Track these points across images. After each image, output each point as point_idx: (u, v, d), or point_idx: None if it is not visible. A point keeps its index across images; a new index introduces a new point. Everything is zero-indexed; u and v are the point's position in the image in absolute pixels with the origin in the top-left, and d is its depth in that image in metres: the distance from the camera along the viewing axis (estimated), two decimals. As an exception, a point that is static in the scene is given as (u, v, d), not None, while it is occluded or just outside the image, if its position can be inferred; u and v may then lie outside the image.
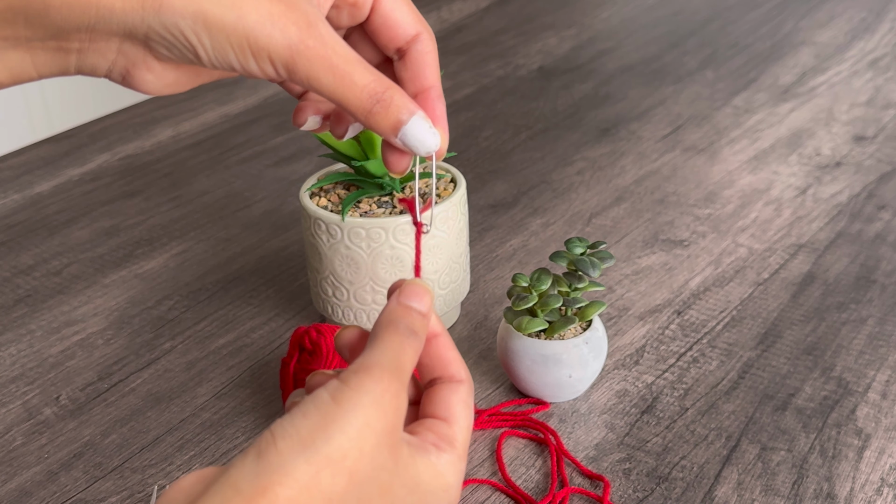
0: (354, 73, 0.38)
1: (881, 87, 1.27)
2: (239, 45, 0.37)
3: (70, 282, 0.93)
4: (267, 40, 0.37)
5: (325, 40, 0.38)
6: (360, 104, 0.39)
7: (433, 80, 0.43)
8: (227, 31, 0.36)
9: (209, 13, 0.36)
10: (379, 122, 0.39)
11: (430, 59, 0.43)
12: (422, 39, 0.43)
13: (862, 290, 0.85)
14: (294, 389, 0.69)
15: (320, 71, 0.38)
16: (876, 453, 0.67)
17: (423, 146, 0.41)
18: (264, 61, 0.37)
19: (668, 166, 1.09)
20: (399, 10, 0.42)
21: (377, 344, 0.38)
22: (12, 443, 0.73)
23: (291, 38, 0.37)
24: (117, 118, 1.29)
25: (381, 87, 0.39)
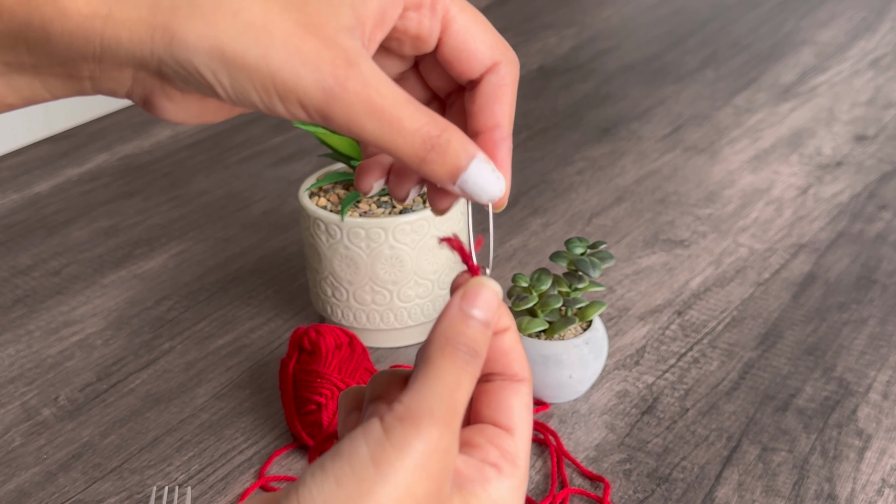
0: (403, 117, 0.33)
1: (882, 86, 1.27)
2: (263, 87, 0.32)
3: (69, 282, 0.92)
4: (296, 82, 0.31)
5: (366, 80, 0.32)
6: (412, 151, 0.33)
7: (501, 119, 0.37)
8: (248, 70, 0.31)
9: (227, 50, 0.31)
10: (436, 171, 0.34)
11: (505, 94, 0.37)
12: (498, 71, 0.37)
13: (863, 291, 0.85)
14: (293, 390, 0.69)
15: (363, 116, 0.32)
16: (877, 454, 0.67)
17: (485, 193, 0.35)
18: (293, 105, 0.32)
19: (668, 166, 1.09)
20: (474, 39, 0.36)
21: (430, 376, 0.33)
22: (11, 443, 0.72)
23: (326, 79, 0.31)
24: (116, 118, 1.29)
25: (436, 130, 0.33)
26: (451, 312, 0.35)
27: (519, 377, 0.37)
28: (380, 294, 0.77)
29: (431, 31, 0.36)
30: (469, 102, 0.38)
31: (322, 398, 0.67)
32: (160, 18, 0.31)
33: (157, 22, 0.31)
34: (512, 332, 0.37)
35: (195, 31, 0.31)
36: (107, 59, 0.32)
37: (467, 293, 0.36)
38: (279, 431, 0.72)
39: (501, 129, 0.37)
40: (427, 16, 0.35)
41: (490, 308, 0.36)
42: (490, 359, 0.37)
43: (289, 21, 0.31)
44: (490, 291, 0.36)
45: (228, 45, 0.31)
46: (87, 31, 0.31)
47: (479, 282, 0.36)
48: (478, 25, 0.37)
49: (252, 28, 0.31)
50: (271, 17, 0.31)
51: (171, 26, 0.31)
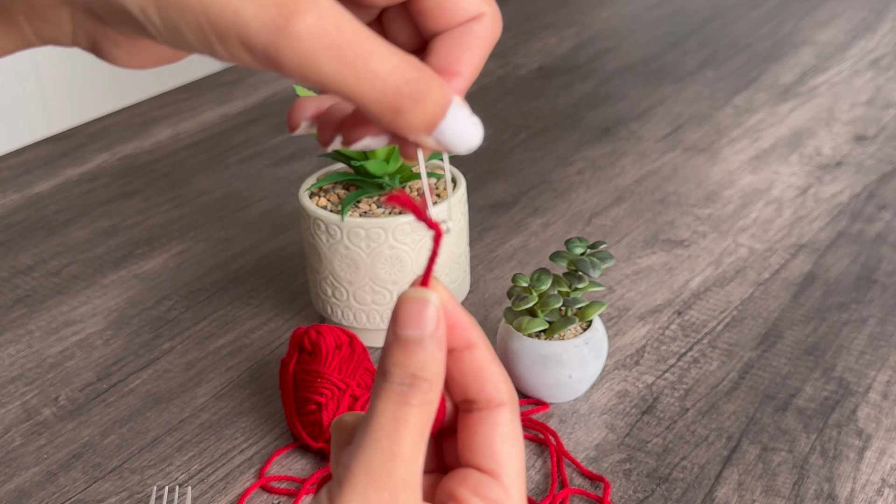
0: (370, 56, 0.27)
1: (882, 86, 1.27)
2: (197, 26, 0.27)
3: (69, 282, 0.92)
4: (233, 18, 0.26)
5: (322, 12, 0.27)
6: (383, 99, 0.28)
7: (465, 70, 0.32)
8: (178, 5, 0.26)
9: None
10: (410, 122, 0.29)
11: (479, 47, 0.32)
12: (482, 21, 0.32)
13: (863, 291, 0.85)
14: (294, 390, 0.69)
15: (318, 54, 0.27)
16: (877, 454, 0.67)
17: (463, 143, 0.30)
18: (234, 47, 0.27)
19: (668, 166, 1.09)
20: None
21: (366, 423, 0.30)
22: (11, 443, 0.72)
23: (271, 12, 0.26)
24: (116, 118, 1.29)
25: (412, 73, 0.28)
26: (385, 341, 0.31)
27: (496, 401, 0.33)
28: (380, 294, 0.77)
29: None
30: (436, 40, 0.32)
31: (322, 398, 0.67)
32: None
33: None
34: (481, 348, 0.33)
35: None
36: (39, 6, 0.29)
37: (395, 312, 0.31)
38: (279, 431, 0.72)
39: (463, 78, 0.32)
40: None
41: (425, 321, 0.31)
42: (461, 383, 0.33)
43: None
44: (420, 303, 0.31)
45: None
46: None
47: (406, 296, 0.31)
48: None
49: None
50: None
51: None
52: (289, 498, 0.66)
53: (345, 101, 0.29)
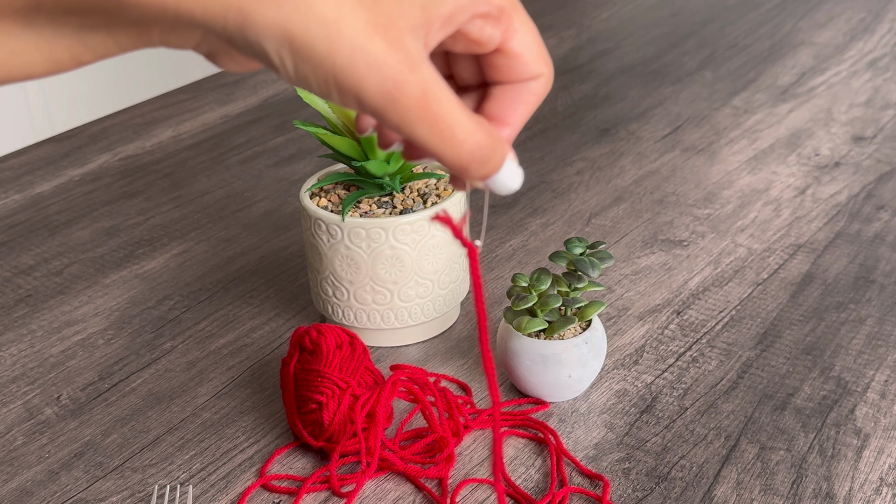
0: (456, 126, 0.33)
1: (880, 87, 1.28)
2: (325, 79, 0.32)
3: (71, 282, 0.93)
4: (356, 83, 0.32)
5: (426, 86, 0.32)
6: (457, 160, 0.34)
7: (516, 121, 0.38)
8: (313, 62, 0.31)
9: (296, 40, 0.31)
10: (472, 176, 0.35)
11: (531, 102, 0.37)
12: (539, 81, 0.37)
13: (861, 290, 0.85)
14: (294, 390, 0.69)
15: (416, 120, 0.32)
16: (875, 453, 0.67)
17: (506, 189, 0.36)
18: (350, 100, 0.32)
19: (667, 166, 1.09)
20: (530, 52, 0.37)
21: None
22: (13, 442, 0.73)
23: (387, 83, 0.32)
24: (118, 118, 1.29)
25: (484, 141, 0.34)
26: None
27: None
28: (380, 294, 0.77)
29: (491, 39, 0.36)
30: (497, 94, 0.38)
31: (323, 397, 0.67)
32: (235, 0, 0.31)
33: (231, 3, 0.31)
34: None
35: (267, 17, 0.31)
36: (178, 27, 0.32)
37: None
38: (280, 430, 0.72)
39: (513, 128, 0.37)
40: (492, 24, 0.35)
41: None
42: None
43: (360, 19, 0.31)
44: None
45: (298, 35, 0.31)
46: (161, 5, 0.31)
47: None
48: (534, 39, 0.37)
49: (323, 22, 0.31)
50: (343, 13, 0.31)
51: (245, 10, 0.31)
52: (290, 497, 0.66)
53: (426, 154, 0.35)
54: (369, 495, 0.66)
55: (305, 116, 1.26)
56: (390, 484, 0.67)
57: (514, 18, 0.36)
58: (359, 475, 0.66)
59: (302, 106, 1.30)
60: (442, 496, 0.65)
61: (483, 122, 0.34)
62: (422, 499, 0.66)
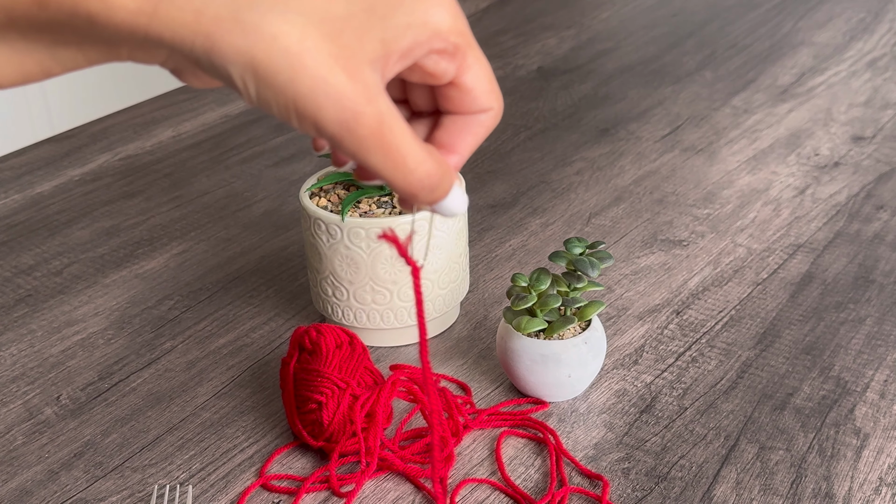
0: (408, 156, 0.35)
1: (879, 87, 1.28)
2: (285, 106, 0.33)
3: (71, 282, 0.93)
4: (315, 112, 0.33)
5: (381, 118, 0.34)
6: (406, 187, 0.36)
7: (465, 150, 0.40)
8: (275, 89, 0.33)
9: (260, 68, 0.32)
10: (420, 201, 0.37)
11: (479, 134, 0.40)
12: (489, 114, 0.39)
13: (860, 290, 0.85)
14: (294, 389, 0.69)
15: (370, 149, 0.34)
16: (874, 453, 0.67)
17: (451, 213, 0.39)
18: (308, 127, 0.34)
19: (666, 166, 1.09)
20: (481, 87, 0.38)
21: None
22: (13, 442, 0.73)
23: (345, 114, 0.33)
24: (118, 118, 1.29)
25: (436, 178, 0.36)
26: None
27: None
28: (380, 294, 0.77)
29: (446, 73, 0.37)
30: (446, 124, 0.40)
31: (322, 397, 0.67)
32: (203, 26, 0.32)
33: (199, 29, 0.32)
34: None
35: (234, 46, 0.32)
36: (147, 47, 0.33)
37: None
38: (280, 430, 0.72)
39: (461, 157, 0.39)
40: (447, 60, 0.37)
41: None
42: None
43: (322, 51, 0.33)
44: None
45: (262, 64, 0.32)
46: (131, 26, 0.32)
47: None
48: (486, 75, 0.38)
49: (286, 54, 0.32)
50: (307, 46, 0.32)
51: (213, 36, 0.32)
52: (289, 496, 0.66)
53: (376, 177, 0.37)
54: (369, 495, 0.66)
55: (305, 116, 1.26)
56: (390, 484, 0.67)
57: (468, 55, 0.37)
58: (358, 475, 0.66)
59: (302, 106, 1.30)
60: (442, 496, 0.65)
61: (433, 152, 0.36)
62: (421, 498, 0.66)
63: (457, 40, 0.36)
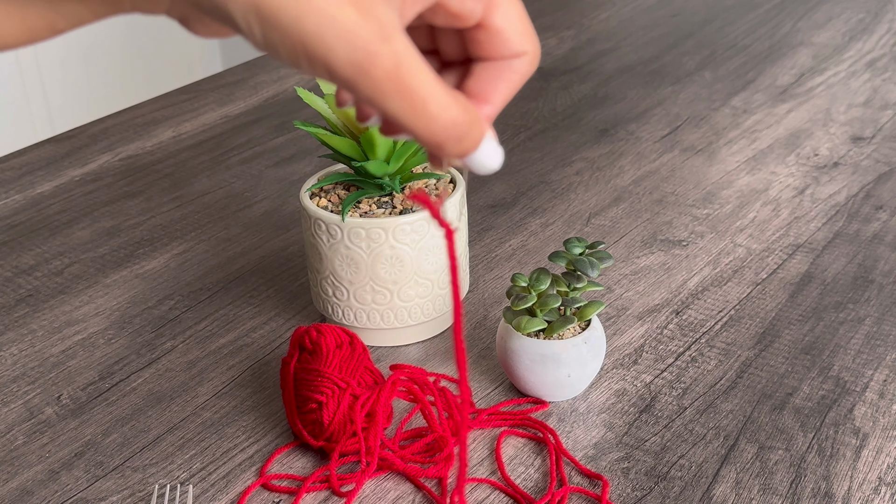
0: (430, 100, 0.32)
1: (879, 87, 1.28)
2: (293, 48, 0.31)
3: (71, 282, 0.93)
4: (325, 51, 0.31)
5: (398, 58, 0.31)
6: (432, 136, 0.33)
7: (497, 99, 0.36)
8: (280, 30, 0.30)
9: (264, 6, 0.30)
10: (448, 153, 0.34)
11: (514, 81, 0.36)
12: (523, 59, 0.36)
13: (859, 290, 0.85)
14: (294, 389, 0.69)
15: (388, 93, 0.31)
16: (874, 452, 0.68)
17: (484, 168, 0.35)
18: (320, 71, 0.31)
19: (666, 167, 1.10)
20: (513, 28, 0.35)
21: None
22: (14, 442, 0.73)
23: (357, 54, 0.31)
24: (118, 119, 1.29)
25: (459, 117, 0.33)
26: None
27: None
28: (380, 294, 0.77)
29: (473, 13, 0.35)
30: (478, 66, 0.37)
31: (323, 397, 0.67)
32: None
33: None
34: None
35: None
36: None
37: None
38: (280, 430, 0.72)
39: (494, 107, 0.36)
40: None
41: None
42: None
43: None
44: None
45: (265, 2, 0.30)
46: None
47: None
48: (519, 15, 0.36)
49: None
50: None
51: None
52: (290, 496, 0.66)
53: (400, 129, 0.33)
54: (369, 495, 0.66)
55: (305, 117, 1.27)
56: (390, 483, 0.67)
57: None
58: (358, 475, 0.67)
59: (302, 106, 1.30)
60: (441, 495, 0.66)
61: (460, 97, 0.33)
62: (421, 498, 0.66)
63: None
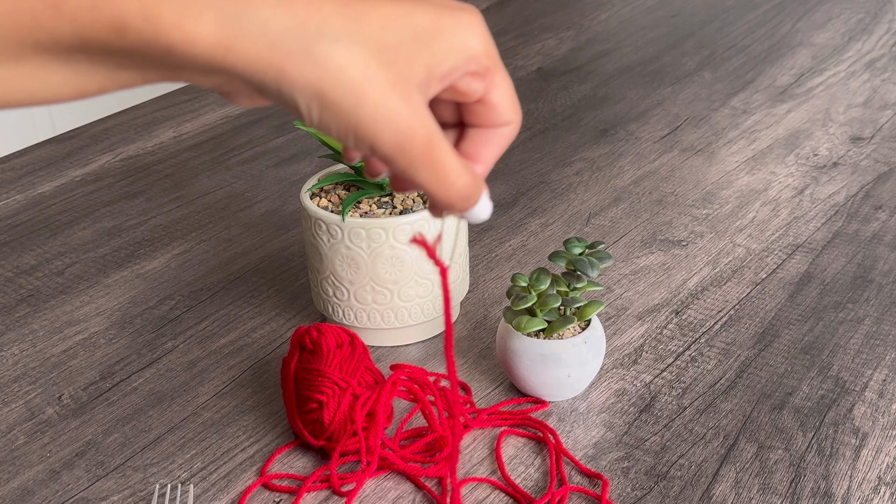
0: (451, 172, 0.38)
1: (878, 87, 1.28)
2: (346, 129, 0.36)
3: (72, 282, 0.93)
4: (374, 135, 0.36)
5: (431, 138, 0.37)
6: (446, 198, 0.39)
7: (489, 159, 0.42)
8: (338, 114, 0.35)
9: (327, 95, 0.35)
10: (454, 210, 0.40)
11: (502, 144, 0.42)
12: (510, 127, 0.42)
13: (859, 290, 0.86)
14: (295, 389, 0.69)
15: (420, 166, 0.37)
16: (873, 452, 0.68)
17: (477, 219, 0.41)
18: (364, 147, 0.37)
19: (666, 167, 1.10)
20: (505, 103, 0.41)
21: None
22: (15, 442, 0.73)
23: (400, 136, 0.36)
24: (119, 119, 1.29)
25: (474, 190, 0.39)
26: None
27: None
28: (381, 293, 0.77)
29: (476, 92, 0.40)
30: (472, 131, 0.42)
31: (323, 397, 0.67)
32: (276, 59, 0.34)
33: (273, 62, 0.34)
34: None
35: (304, 77, 0.34)
36: (212, 74, 0.35)
37: None
38: (281, 430, 0.73)
39: (486, 166, 0.42)
40: (478, 80, 0.39)
41: None
42: None
43: (382, 80, 0.35)
44: None
45: (329, 93, 0.35)
46: (208, 58, 0.33)
47: None
48: (510, 91, 0.41)
49: (352, 84, 0.35)
50: (369, 75, 0.35)
51: (285, 69, 0.34)
52: (290, 496, 0.67)
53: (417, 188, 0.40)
54: (369, 494, 0.66)
55: (305, 117, 1.27)
56: (390, 483, 0.67)
57: (496, 75, 0.40)
58: (359, 474, 0.67)
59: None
60: (442, 495, 0.66)
61: (468, 165, 0.39)
62: (421, 498, 0.66)
63: (488, 62, 0.39)
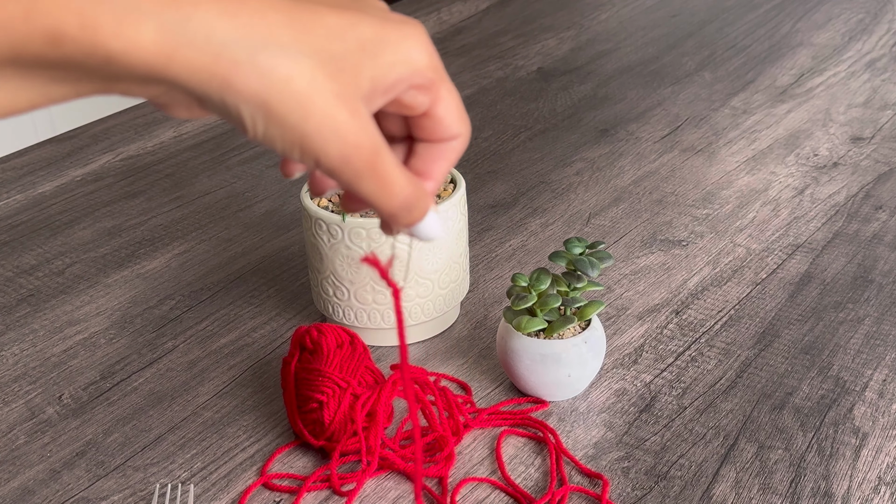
0: (395, 183, 0.38)
1: (878, 87, 1.28)
2: (291, 142, 0.35)
3: (73, 281, 0.93)
4: (320, 147, 0.35)
5: (376, 148, 0.36)
6: (389, 208, 0.38)
7: (440, 175, 0.42)
8: (284, 127, 0.34)
9: (273, 107, 0.34)
10: (398, 223, 0.39)
11: (451, 158, 0.42)
12: (457, 140, 0.42)
13: (859, 290, 0.86)
14: (295, 389, 0.69)
15: (365, 178, 0.37)
16: (873, 452, 0.68)
17: (426, 237, 0.41)
18: (309, 160, 0.36)
19: (666, 167, 1.10)
20: (451, 115, 0.40)
21: None
22: (15, 441, 0.73)
23: (347, 148, 0.35)
24: (119, 119, 1.30)
25: (415, 200, 0.39)
26: None
27: None
28: (381, 293, 0.77)
29: (421, 105, 0.39)
30: (420, 147, 0.42)
31: (323, 396, 0.67)
32: (221, 69, 0.33)
33: (217, 71, 0.33)
34: None
35: (250, 87, 0.33)
36: (150, 84, 0.34)
37: None
38: (281, 429, 0.73)
39: (436, 182, 0.42)
40: (423, 93, 0.39)
41: None
42: None
43: (327, 91, 0.35)
44: None
45: (275, 105, 0.34)
46: (148, 67, 0.32)
47: None
48: (456, 105, 0.40)
49: (299, 96, 0.34)
50: (316, 87, 0.34)
51: (229, 78, 0.33)
52: (290, 495, 0.67)
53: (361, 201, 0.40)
54: (370, 494, 0.66)
55: (306, 117, 1.27)
56: (391, 483, 0.67)
57: (441, 88, 0.39)
58: (359, 474, 0.67)
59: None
60: (442, 495, 0.66)
61: (414, 178, 0.39)
62: (422, 497, 0.66)
63: (432, 75, 0.38)
